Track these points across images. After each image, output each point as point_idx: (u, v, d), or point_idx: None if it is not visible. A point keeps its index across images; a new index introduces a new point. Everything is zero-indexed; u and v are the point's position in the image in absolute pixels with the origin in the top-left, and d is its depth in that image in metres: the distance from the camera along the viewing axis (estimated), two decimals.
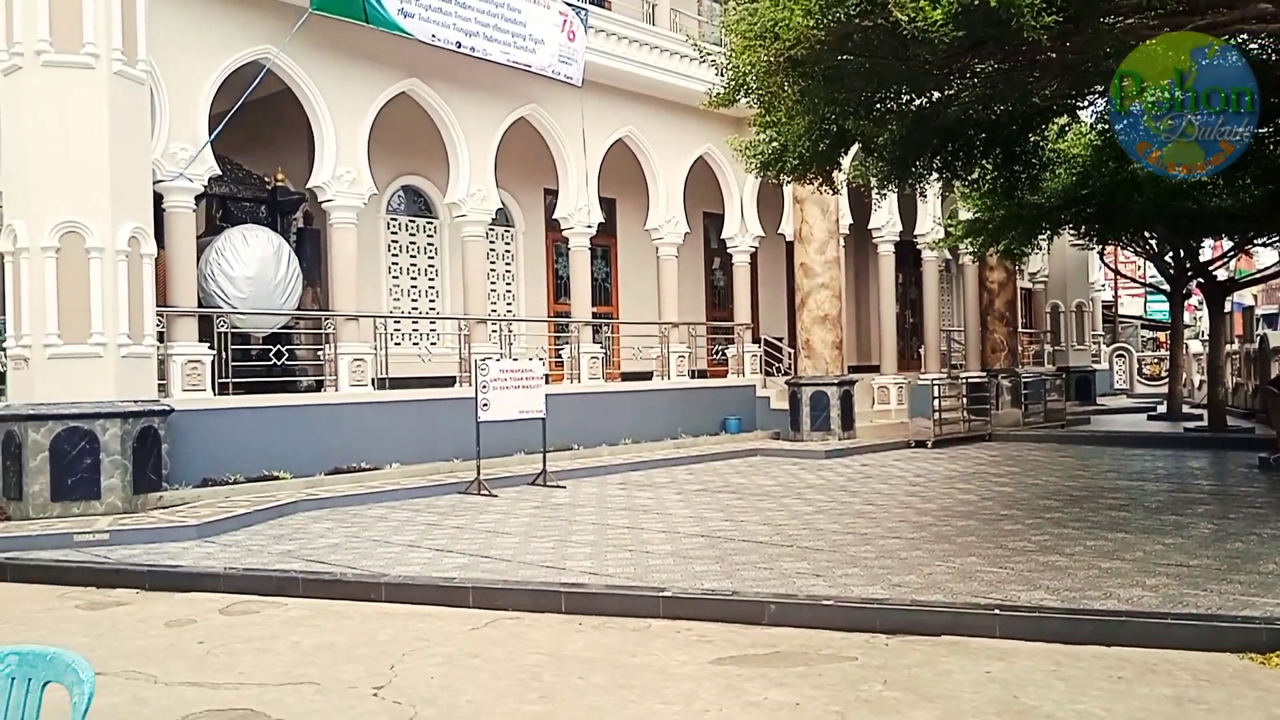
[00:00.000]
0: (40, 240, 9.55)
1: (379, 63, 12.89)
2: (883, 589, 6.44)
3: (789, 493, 11.35)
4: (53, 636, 6.12)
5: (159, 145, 10.92)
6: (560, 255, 17.46)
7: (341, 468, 11.92)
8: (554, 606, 6.52)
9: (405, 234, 15.79)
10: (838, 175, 9.75)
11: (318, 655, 5.65)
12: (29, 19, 9.61)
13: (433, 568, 7.45)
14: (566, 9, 14.19)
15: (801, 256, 16.82)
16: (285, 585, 7.21)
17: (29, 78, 9.67)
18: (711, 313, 20.47)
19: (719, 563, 7.37)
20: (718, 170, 18.08)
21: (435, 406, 13.08)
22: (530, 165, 16.20)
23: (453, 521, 9.63)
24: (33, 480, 9.42)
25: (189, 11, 11.29)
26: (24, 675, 2.32)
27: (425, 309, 15.86)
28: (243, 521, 9.48)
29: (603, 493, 11.60)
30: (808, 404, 16.57)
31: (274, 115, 13.43)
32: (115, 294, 9.80)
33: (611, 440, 15.04)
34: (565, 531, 8.93)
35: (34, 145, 9.70)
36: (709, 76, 9.86)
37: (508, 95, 14.41)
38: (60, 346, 9.59)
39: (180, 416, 10.54)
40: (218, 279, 11.93)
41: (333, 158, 12.51)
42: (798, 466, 14.13)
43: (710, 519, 9.51)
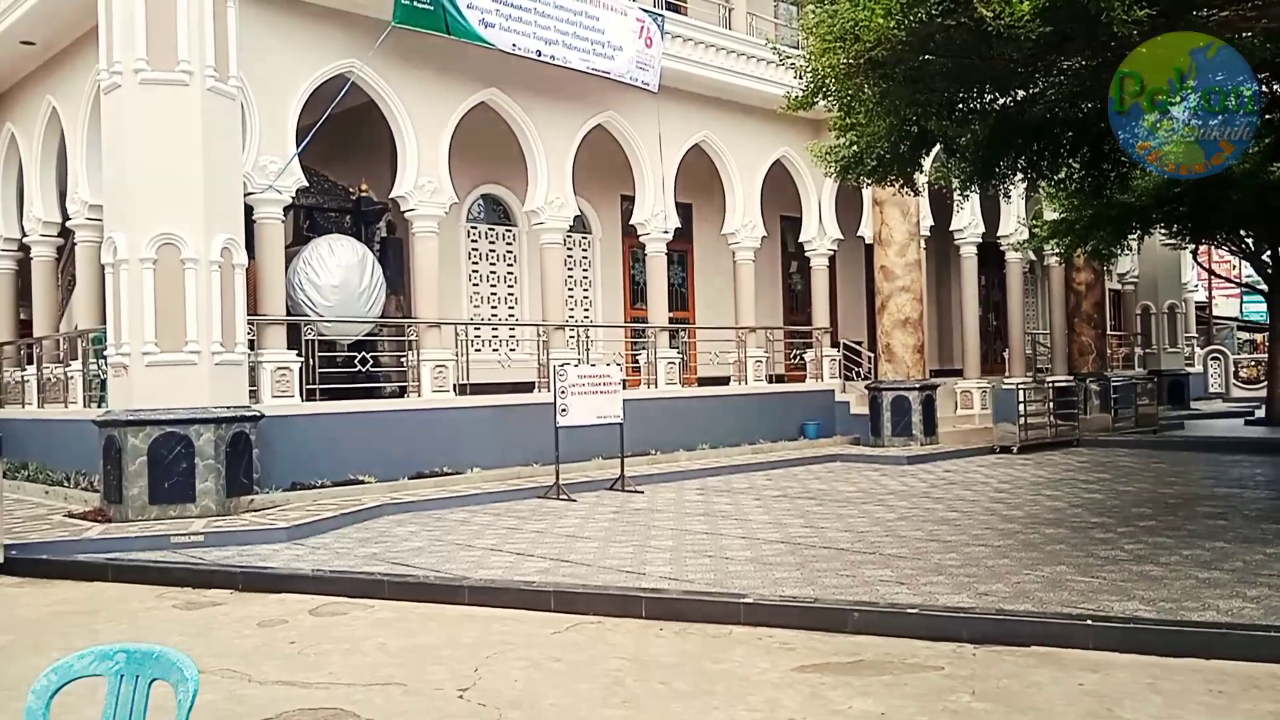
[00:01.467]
0: (138, 252, 9.91)
1: (459, 73, 13.10)
2: (969, 597, 6.32)
3: (870, 499, 11.20)
4: (152, 635, 6.33)
5: (249, 158, 11.25)
6: (637, 261, 17.51)
7: (424, 472, 12.12)
8: (635, 611, 6.53)
9: (485, 242, 16.00)
10: (919, 177, 9.60)
11: (404, 657, 5.75)
12: (127, 39, 9.99)
13: (514, 571, 7.52)
14: (643, 15, 14.25)
15: (881, 259, 16.61)
16: (372, 587, 7.36)
17: (127, 95, 10.05)
18: (789, 317, 20.32)
19: (800, 569, 7.31)
20: (795, 173, 17.95)
21: (515, 412, 13.23)
22: (607, 172, 16.28)
23: (533, 526, 9.71)
24: (132, 484, 9.77)
25: (278, 28, 11.61)
26: (132, 672, 2.41)
27: (504, 316, 16.05)
28: (330, 525, 9.70)
29: (681, 498, 11.59)
30: (888, 409, 16.34)
31: (358, 127, 13.74)
32: (209, 303, 10.12)
33: (689, 445, 15.02)
34: (644, 537, 8.94)
35: (132, 160, 10.08)
36: (786, 79, 9.78)
37: (585, 103, 14.51)
38: (157, 354, 9.94)
39: (270, 422, 10.83)
40: (305, 288, 12.24)
41: (414, 168, 12.74)
42: (879, 472, 13.93)
43: (790, 525, 9.44)
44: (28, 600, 7.57)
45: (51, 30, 12.52)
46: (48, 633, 6.54)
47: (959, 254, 19.40)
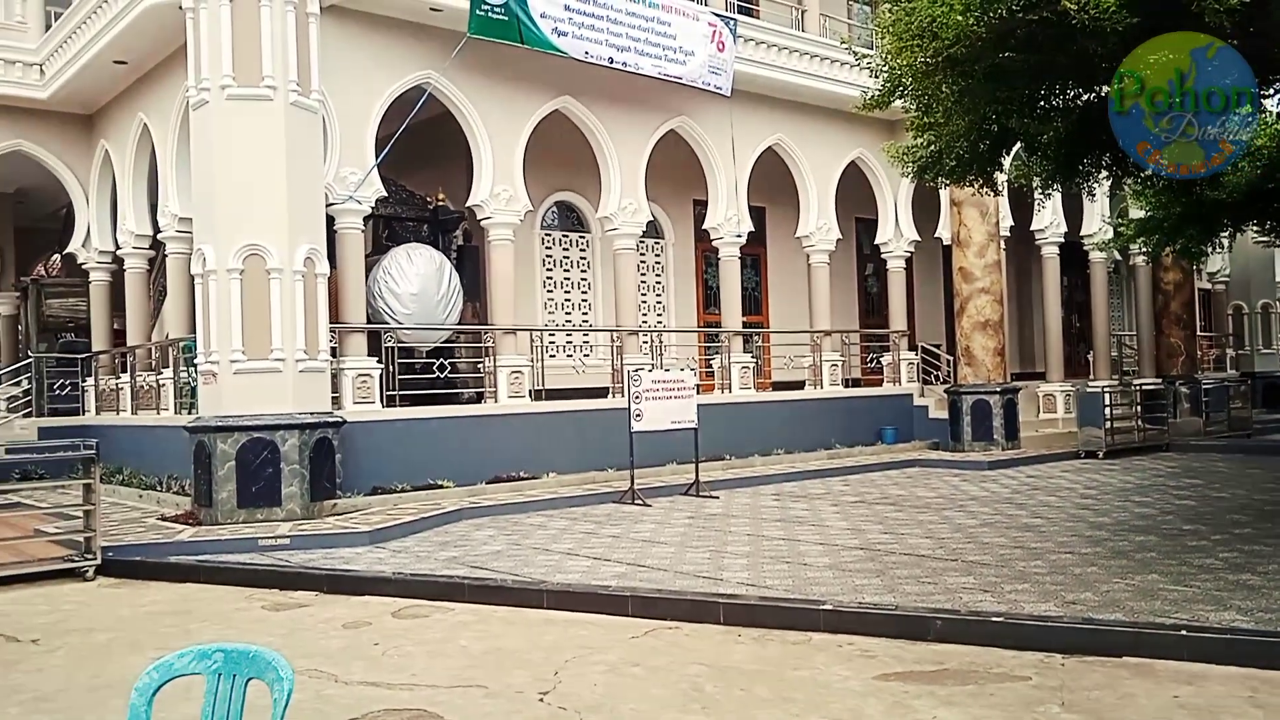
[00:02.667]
0: (226, 263, 10.21)
1: (533, 82, 13.23)
2: (1056, 606, 6.16)
3: (951, 505, 11.00)
4: (242, 635, 6.50)
5: (330, 170, 11.51)
6: (710, 265, 17.48)
7: (501, 476, 12.25)
8: (713, 617, 6.51)
9: (559, 248, 16.13)
10: (999, 176, 9.41)
11: (485, 660, 5.81)
12: (215, 57, 10.31)
13: (592, 576, 7.55)
14: (715, 20, 14.23)
15: (960, 261, 16.32)
16: (452, 590, 7.45)
17: (215, 111, 10.37)
18: (865, 320, 20.08)
19: (879, 576, 7.21)
20: (870, 174, 17.75)
21: (589, 417, 13.30)
22: (679, 177, 16.29)
23: (609, 530, 9.74)
24: (221, 488, 10.06)
25: (357, 42, 11.87)
26: (229, 671, 2.47)
27: (578, 321, 16.15)
28: (410, 528, 9.85)
29: (756, 503, 11.52)
30: (968, 413, 16.04)
31: (434, 137, 13.96)
32: (293, 312, 10.38)
33: (764, 450, 14.93)
34: (720, 542, 8.90)
35: (219, 174, 10.39)
36: (860, 80, 9.66)
37: (657, 108, 14.54)
38: (245, 362, 10.22)
39: (351, 427, 11.05)
40: (384, 296, 12.47)
41: (490, 177, 12.90)
42: (959, 478, 13.68)
43: (869, 531, 9.32)
44: (124, 600, 7.83)
45: (142, 50, 12.98)
46: (143, 632, 6.76)
47: (1040, 254, 18.97)
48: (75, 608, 7.56)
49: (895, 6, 6.91)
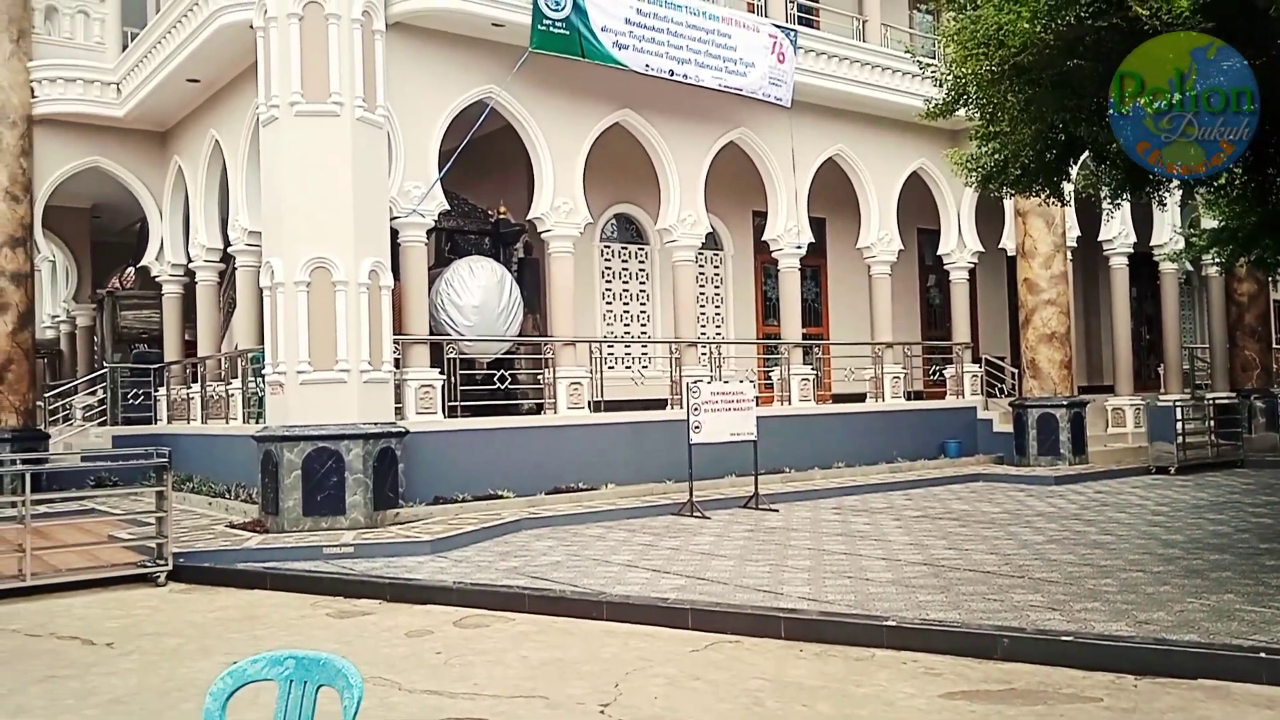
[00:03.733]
0: (293, 275, 10.42)
1: (593, 95, 13.31)
2: (1127, 626, 6.01)
3: (1016, 520, 10.80)
4: (308, 642, 6.60)
5: (394, 183, 11.69)
6: (769, 277, 17.41)
7: (560, 487, 12.30)
8: (773, 631, 6.46)
9: (618, 260, 16.19)
10: (1066, 186, 9.23)
11: (545, 670, 5.83)
12: (284, 74, 10.55)
13: (651, 588, 7.54)
14: (776, 31, 14.19)
15: (1025, 272, 16.05)
16: (513, 601, 7.49)
17: (283, 127, 10.60)
18: (927, 332, 19.83)
19: (944, 592, 7.09)
20: (932, 185, 17.55)
21: (648, 428, 13.31)
22: (739, 188, 16.26)
23: (668, 542, 9.72)
24: (287, 496, 10.24)
25: (421, 58, 12.05)
26: (300, 678, 2.51)
27: (637, 333, 16.18)
28: (471, 538, 9.93)
29: (816, 517, 11.42)
30: (1034, 427, 15.74)
31: (495, 151, 14.11)
32: (358, 324, 10.55)
33: (824, 464, 14.79)
34: (780, 555, 8.84)
35: (287, 188, 10.62)
36: (923, 90, 9.55)
37: (717, 120, 14.54)
38: (311, 373, 10.41)
39: (414, 437, 11.18)
40: (447, 308, 12.63)
41: (551, 189, 13.00)
42: (1025, 493, 13.42)
43: (932, 547, 9.18)
44: (194, 606, 8.01)
45: (214, 69, 13.33)
46: (212, 637, 6.90)
47: (1108, 265, 18.55)
48: (147, 612, 7.75)
49: (960, 15, 6.83)
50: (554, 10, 11.87)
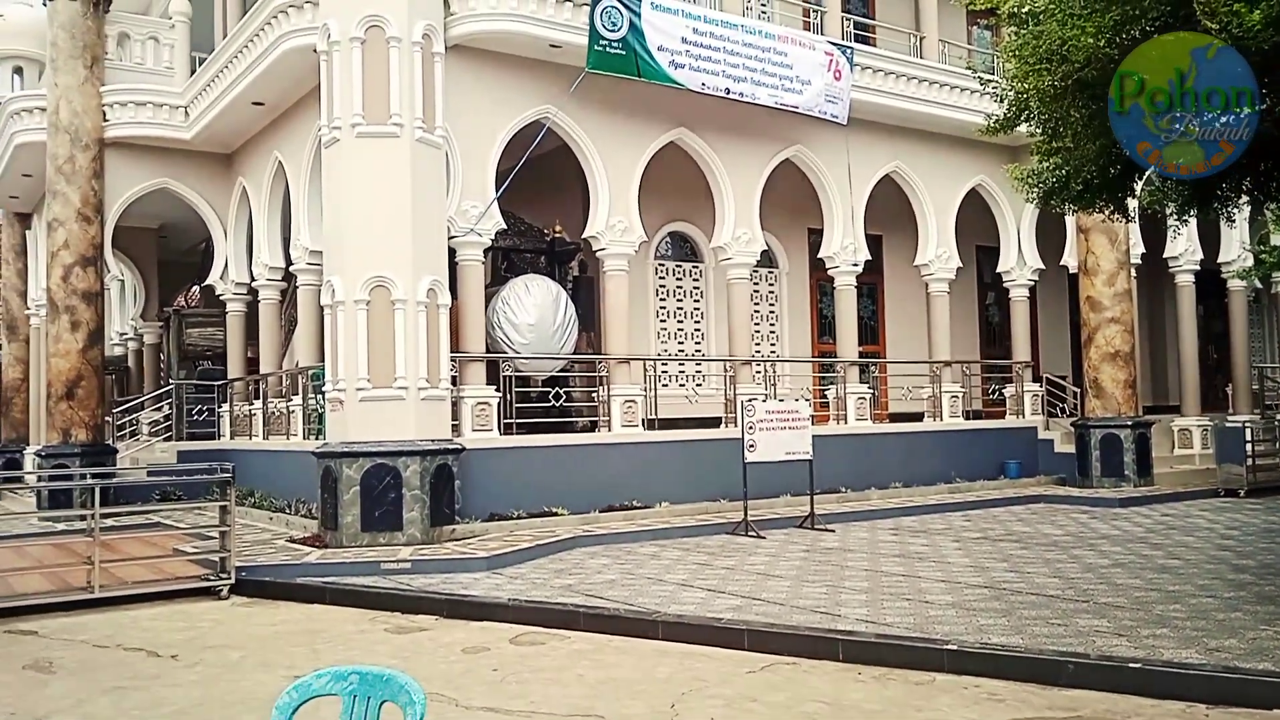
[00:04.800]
0: (353, 294, 10.59)
1: (649, 114, 13.37)
2: (1198, 653, 5.83)
3: (1080, 543, 10.56)
4: (366, 657, 6.66)
5: (452, 203, 11.83)
6: (824, 294, 17.30)
7: (614, 505, 12.31)
8: (831, 654, 6.38)
9: (672, 278, 16.20)
10: (1130, 202, 9.06)
11: (602, 689, 5.82)
12: (346, 97, 10.76)
13: (706, 608, 7.50)
14: (832, 49, 14.15)
15: (1087, 289, 15.76)
16: (568, 618, 7.50)
17: (344, 148, 10.80)
18: (985, 350, 19.54)
19: (1006, 616, 6.95)
20: (991, 201, 17.34)
21: (702, 447, 13.26)
22: (794, 206, 16.21)
23: (722, 562, 9.67)
24: (346, 512, 10.37)
25: (479, 79, 12.20)
26: (364, 693, 2.54)
27: (691, 351, 16.16)
28: (526, 555, 9.97)
29: (874, 538, 11.28)
30: (1097, 447, 15.41)
31: (551, 170, 14.23)
32: (416, 341, 10.69)
33: (881, 484, 14.62)
34: (837, 577, 8.74)
35: (348, 208, 10.81)
36: (982, 105, 9.43)
37: (772, 138, 14.52)
38: (370, 390, 10.55)
39: (470, 454, 11.27)
40: (503, 326, 12.74)
41: (606, 208, 13.07)
42: (1088, 515, 13.12)
43: (993, 569, 9.01)
44: (256, 619, 8.13)
45: (279, 92, 13.63)
46: (273, 651, 7.00)
47: (1174, 282, 18.15)
48: (211, 625, 7.88)
49: (1022, 30, 6.76)
50: (611, 31, 11.96)
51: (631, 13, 12.09)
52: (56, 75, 15.35)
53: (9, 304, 20.72)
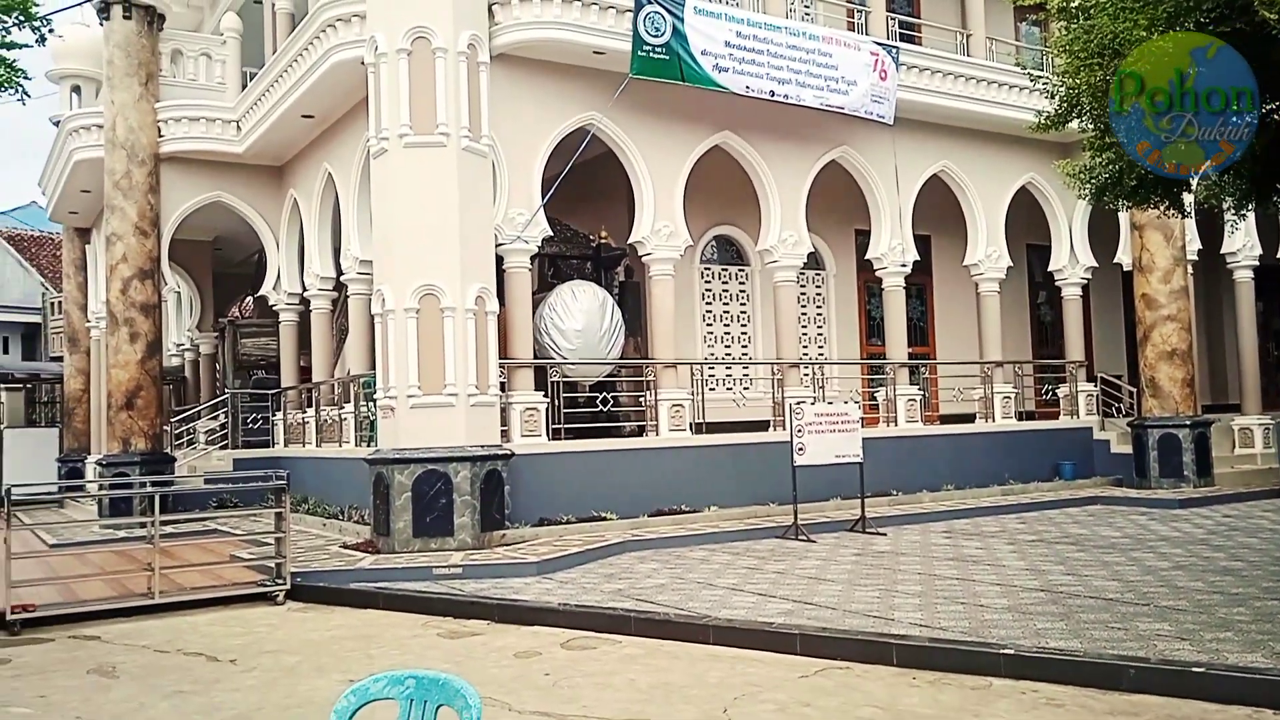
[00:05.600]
0: (403, 302, 10.71)
1: (693, 118, 13.37)
2: (1264, 657, 5.70)
3: (1139, 545, 10.35)
4: (420, 661, 6.72)
5: (499, 211, 11.92)
6: (872, 296, 17.16)
7: (663, 509, 12.30)
8: (884, 658, 6.32)
9: (718, 282, 16.17)
10: (1186, 197, 8.88)
11: (653, 694, 5.81)
12: (393, 108, 10.89)
13: (757, 612, 7.46)
14: (877, 49, 14.04)
15: (1142, 287, 15.46)
16: (619, 623, 7.50)
17: (392, 159, 10.94)
18: (1038, 350, 19.25)
19: (1063, 620, 6.84)
20: (1042, 199, 17.09)
21: (750, 450, 13.21)
22: (841, 207, 16.10)
23: (773, 566, 9.62)
24: (398, 518, 10.48)
25: (524, 87, 12.27)
26: (421, 697, 2.56)
27: (738, 354, 16.10)
28: (576, 560, 10.00)
29: (926, 541, 11.15)
30: (1155, 448, 15.11)
31: (597, 176, 14.27)
32: (465, 349, 10.78)
33: (932, 486, 14.45)
34: (890, 580, 8.65)
35: (397, 218, 10.94)
36: (1031, 102, 9.29)
37: (818, 139, 14.44)
38: (420, 397, 10.66)
39: (519, 460, 11.33)
40: (550, 332, 12.80)
41: (651, 213, 13.08)
42: (1146, 517, 12.86)
43: (1049, 572, 8.86)
44: (311, 625, 8.24)
45: (328, 104, 13.83)
46: (328, 656, 7.09)
47: (1233, 278, 17.75)
48: (267, 630, 8.01)
49: (1072, 25, 6.66)
50: (654, 36, 11.98)
51: (675, 17, 12.10)
52: (113, 93, 15.72)
53: (70, 317, 21.24)
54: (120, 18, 15.65)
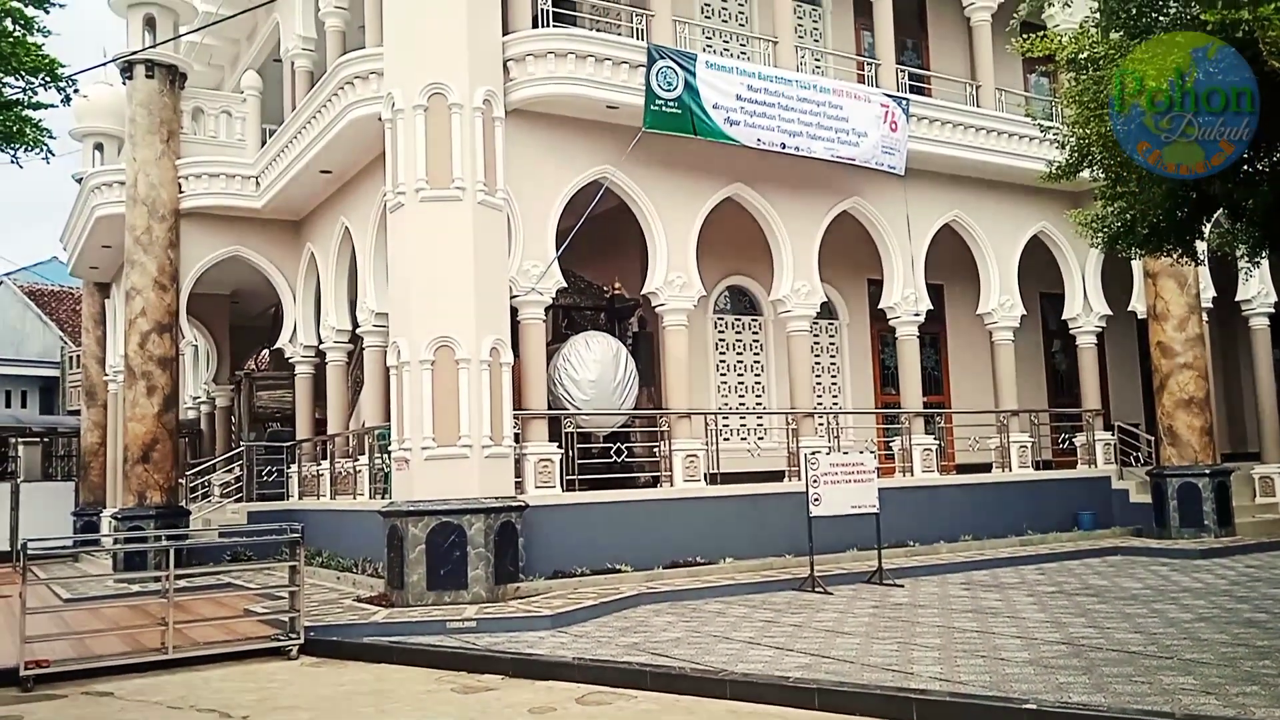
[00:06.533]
0: (418, 354, 10.77)
1: (705, 171, 13.49)
2: None
3: (1161, 597, 10.21)
4: (434, 718, 6.65)
5: (514, 263, 12.01)
6: (886, 345, 17.14)
7: (678, 561, 12.21)
8: (905, 714, 6.23)
9: (731, 332, 16.19)
10: (1199, 245, 8.88)
11: None
12: (410, 163, 11.05)
13: (774, 666, 7.37)
14: (888, 100, 14.18)
15: (1157, 335, 15.41)
16: (634, 677, 7.42)
17: (409, 212, 11.07)
18: (1053, 399, 19.15)
19: (1086, 674, 6.73)
20: (1054, 248, 17.12)
21: (765, 501, 13.14)
22: (853, 257, 16.15)
23: (789, 619, 9.52)
24: (412, 570, 10.44)
25: (539, 141, 12.42)
26: None
27: (752, 404, 16.08)
28: (591, 613, 9.91)
29: (944, 592, 11.02)
30: (1175, 497, 14.95)
31: (610, 228, 14.38)
32: (479, 400, 10.81)
33: (949, 537, 14.32)
34: (908, 633, 8.54)
35: (413, 270, 11.04)
36: (1041, 152, 9.35)
37: (829, 190, 14.54)
38: (435, 448, 10.67)
39: (533, 511, 11.30)
40: (564, 383, 12.82)
41: (664, 264, 13.16)
42: (1167, 567, 12.69)
43: (1070, 625, 8.73)
44: (324, 680, 8.18)
45: (345, 160, 14.04)
46: (342, 712, 7.03)
47: (1248, 326, 17.67)
48: (280, 685, 7.95)
49: (1082, 76, 6.73)
50: (666, 91, 12.14)
51: (686, 72, 12.28)
52: (135, 150, 15.99)
53: (88, 371, 21.41)
54: (143, 77, 15.98)
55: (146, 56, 15.88)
